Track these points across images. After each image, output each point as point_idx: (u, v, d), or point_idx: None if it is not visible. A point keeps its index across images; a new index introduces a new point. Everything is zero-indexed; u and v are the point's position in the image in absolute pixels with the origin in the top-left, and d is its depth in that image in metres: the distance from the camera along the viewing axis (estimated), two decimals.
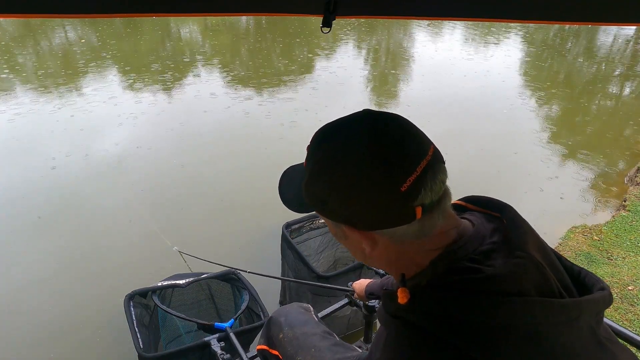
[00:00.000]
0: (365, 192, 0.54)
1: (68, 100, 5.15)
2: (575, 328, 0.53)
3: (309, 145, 0.62)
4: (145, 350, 1.66)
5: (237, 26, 9.32)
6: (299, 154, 2.46)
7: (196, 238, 3.01)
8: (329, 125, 0.62)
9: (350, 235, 0.60)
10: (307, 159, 0.62)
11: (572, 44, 9.37)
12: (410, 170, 0.54)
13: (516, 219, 0.61)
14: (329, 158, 0.57)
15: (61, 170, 3.73)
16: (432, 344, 0.53)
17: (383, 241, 0.58)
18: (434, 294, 0.55)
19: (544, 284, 0.54)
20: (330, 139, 0.60)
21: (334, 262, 2.63)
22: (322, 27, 0.94)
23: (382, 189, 0.54)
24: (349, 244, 0.64)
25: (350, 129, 0.58)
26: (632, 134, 5.07)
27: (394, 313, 0.60)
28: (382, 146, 0.55)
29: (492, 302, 0.51)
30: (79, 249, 2.88)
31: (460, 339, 0.51)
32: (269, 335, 1.26)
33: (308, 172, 0.60)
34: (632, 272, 2.66)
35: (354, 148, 0.55)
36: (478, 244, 0.58)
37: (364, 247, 0.60)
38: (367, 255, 0.61)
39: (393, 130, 0.56)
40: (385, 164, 0.54)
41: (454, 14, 1.13)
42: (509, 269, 0.54)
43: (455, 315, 0.52)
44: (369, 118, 0.59)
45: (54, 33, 7.92)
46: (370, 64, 7.34)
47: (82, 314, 2.41)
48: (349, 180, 0.55)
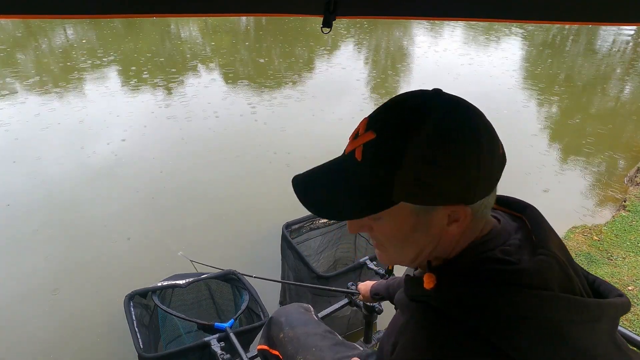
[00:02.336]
0: (482, 158, 0.53)
1: (66, 102, 5.15)
2: (596, 330, 0.53)
3: (386, 134, 0.54)
4: (145, 350, 1.66)
5: (237, 27, 9.32)
6: (299, 153, 2.48)
7: (197, 239, 3.01)
8: (409, 106, 0.55)
9: (435, 222, 0.56)
10: (393, 146, 0.53)
11: (572, 43, 9.37)
12: (496, 144, 0.56)
13: (538, 218, 0.62)
14: (438, 135, 0.52)
15: (59, 174, 3.73)
16: (458, 330, 0.53)
17: (470, 215, 0.56)
18: (464, 281, 0.55)
19: (567, 282, 0.54)
20: (426, 116, 0.53)
21: (334, 262, 2.63)
22: (322, 28, 0.94)
23: (492, 151, 0.54)
24: (414, 241, 0.59)
25: (438, 110, 0.53)
26: (632, 134, 5.07)
27: (417, 297, 0.60)
28: (478, 115, 0.55)
29: (521, 294, 0.51)
30: (78, 250, 2.88)
31: (487, 328, 0.52)
32: (269, 335, 1.26)
33: (408, 159, 0.52)
34: (632, 272, 2.66)
35: (459, 125, 0.53)
36: (504, 240, 0.58)
37: (446, 230, 0.56)
38: (436, 245, 0.58)
39: (472, 108, 0.57)
40: (488, 128, 0.55)
41: (454, 14, 1.13)
42: (535, 264, 0.54)
43: (484, 304, 0.52)
44: (447, 94, 0.56)
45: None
46: (370, 65, 7.34)
47: (82, 314, 2.41)
48: (468, 149, 0.52)
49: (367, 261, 1.95)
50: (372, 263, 1.93)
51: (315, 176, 0.63)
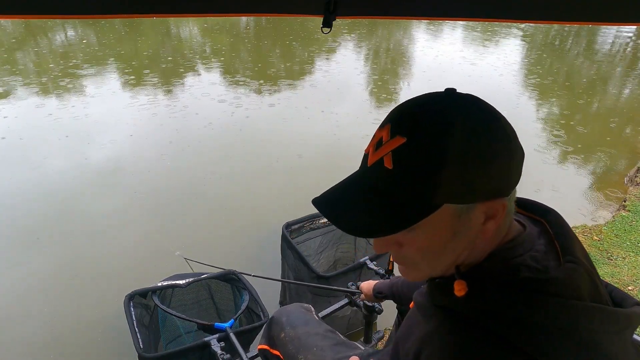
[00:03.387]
0: (512, 147, 0.53)
1: (63, 103, 5.15)
2: (622, 339, 0.53)
3: (420, 135, 0.52)
4: (145, 350, 1.66)
5: (237, 26, 9.32)
6: (299, 153, 2.47)
7: (197, 239, 3.01)
8: (434, 104, 0.54)
9: (473, 222, 0.54)
10: (433, 146, 0.51)
11: (572, 43, 9.36)
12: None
13: (561, 224, 0.60)
14: (472, 129, 0.51)
15: (58, 174, 3.73)
16: (492, 342, 0.51)
17: (502, 211, 0.55)
18: (497, 290, 0.53)
19: (595, 291, 0.53)
20: (455, 112, 0.52)
21: (334, 262, 2.63)
22: (322, 28, 0.94)
23: (516, 139, 0.54)
24: (453, 246, 0.56)
25: (463, 107, 0.53)
26: (632, 134, 5.07)
27: (445, 305, 0.58)
28: (493, 107, 0.55)
29: (557, 305, 0.50)
30: (78, 250, 2.88)
31: (523, 340, 0.50)
32: (270, 335, 1.26)
33: (451, 155, 0.50)
34: (632, 272, 2.66)
35: (485, 117, 0.53)
36: (531, 246, 0.56)
37: (482, 230, 0.54)
38: (473, 246, 0.56)
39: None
40: (505, 118, 0.55)
41: (454, 14, 1.13)
42: (566, 273, 0.52)
43: (520, 315, 0.51)
44: (467, 95, 0.56)
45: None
46: (370, 65, 7.34)
47: (82, 315, 2.41)
48: (499, 139, 0.53)
49: (367, 261, 1.94)
50: (372, 263, 1.93)
51: (339, 195, 0.58)
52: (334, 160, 4.01)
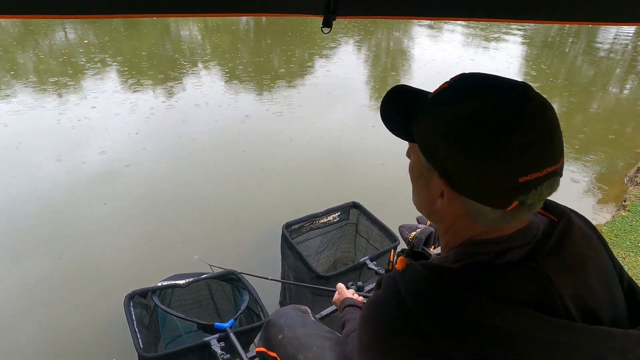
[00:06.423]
0: (488, 162, 0.51)
1: (60, 104, 5.15)
2: (570, 355, 0.50)
3: (455, 83, 0.57)
4: (145, 350, 1.66)
5: (237, 26, 9.32)
6: (299, 154, 2.47)
7: (196, 239, 3.01)
8: (488, 78, 0.56)
9: (432, 185, 0.59)
10: (444, 99, 0.56)
11: (572, 42, 9.37)
12: (540, 167, 0.51)
13: (566, 230, 0.58)
14: (473, 110, 0.52)
15: (58, 175, 3.73)
16: (400, 311, 0.55)
17: (459, 208, 0.57)
18: (422, 270, 0.56)
19: (544, 296, 0.52)
20: (487, 94, 0.53)
21: (334, 262, 2.63)
22: (322, 28, 0.94)
23: (505, 169, 0.51)
24: (420, 188, 0.63)
25: (510, 95, 0.52)
26: (632, 134, 5.07)
27: (391, 275, 0.62)
28: (532, 129, 0.51)
29: (474, 301, 0.51)
30: (78, 250, 2.88)
31: (428, 320, 0.52)
32: (267, 337, 1.26)
33: (442, 111, 0.55)
34: (632, 272, 2.66)
35: (505, 115, 0.51)
36: (508, 247, 0.56)
37: (436, 201, 0.59)
38: (431, 208, 0.61)
39: (547, 119, 0.53)
40: (525, 147, 0.50)
41: (454, 14, 1.13)
42: (508, 274, 0.53)
43: (430, 300, 0.54)
44: (530, 93, 0.53)
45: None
46: (370, 66, 7.34)
47: (82, 315, 2.41)
48: (482, 142, 0.51)
49: (367, 261, 1.94)
50: (372, 263, 1.93)
51: (405, 97, 0.67)
52: (334, 160, 4.02)
